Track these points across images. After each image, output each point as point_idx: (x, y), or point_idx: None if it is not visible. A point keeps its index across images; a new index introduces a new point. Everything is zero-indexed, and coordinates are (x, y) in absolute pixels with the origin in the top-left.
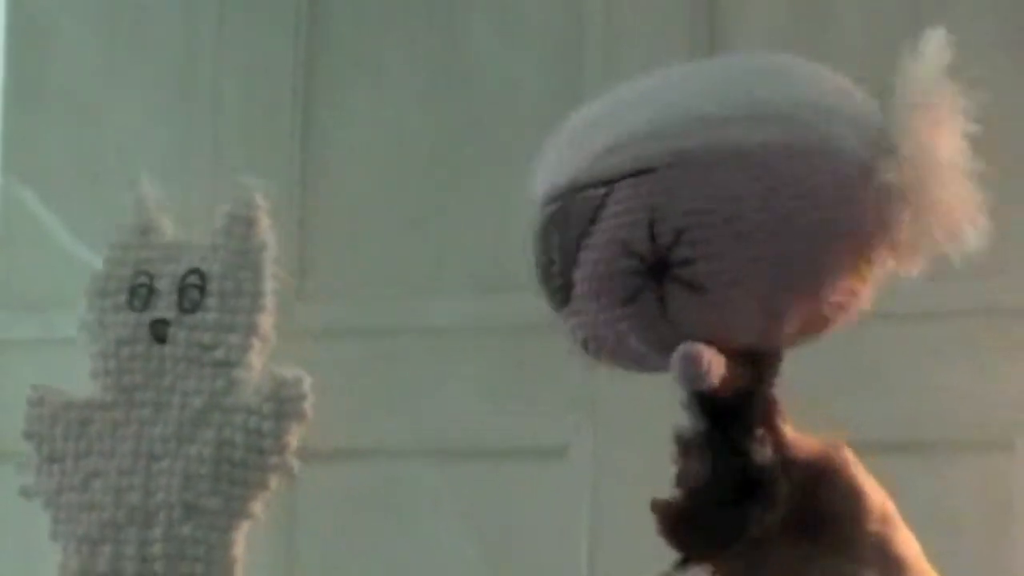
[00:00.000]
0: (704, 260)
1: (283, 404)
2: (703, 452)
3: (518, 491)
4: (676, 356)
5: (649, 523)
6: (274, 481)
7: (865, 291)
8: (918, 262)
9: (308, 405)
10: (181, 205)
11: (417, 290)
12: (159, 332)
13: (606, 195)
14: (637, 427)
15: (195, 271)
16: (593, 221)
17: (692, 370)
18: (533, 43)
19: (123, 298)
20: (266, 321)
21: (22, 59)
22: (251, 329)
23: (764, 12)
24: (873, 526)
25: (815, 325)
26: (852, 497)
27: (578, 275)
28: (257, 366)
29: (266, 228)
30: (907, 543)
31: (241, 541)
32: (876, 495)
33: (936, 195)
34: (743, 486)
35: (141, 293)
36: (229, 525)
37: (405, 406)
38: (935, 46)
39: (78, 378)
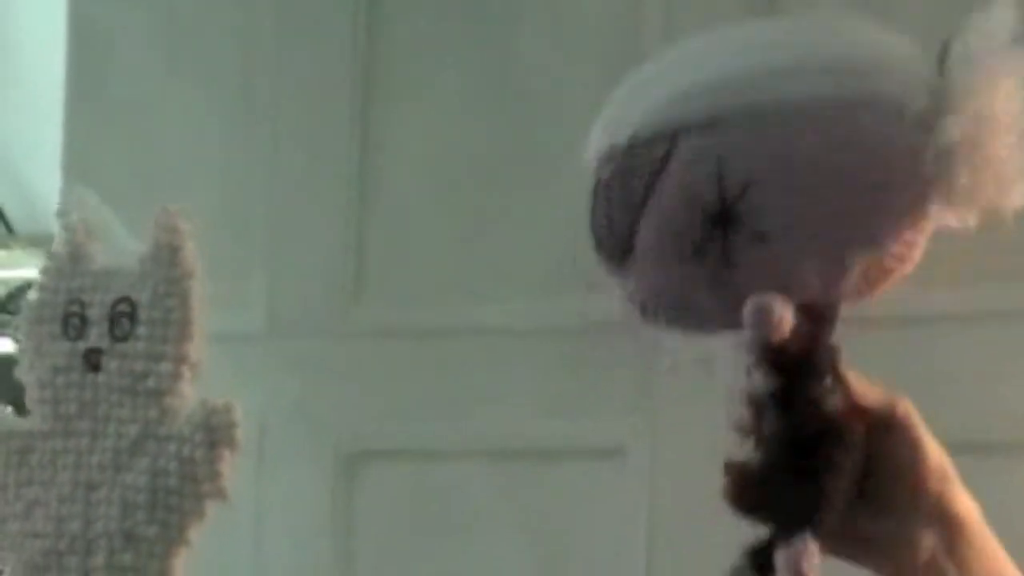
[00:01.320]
0: (770, 212)
1: (214, 432)
2: (775, 410)
3: (574, 493)
4: (748, 308)
5: (708, 525)
6: (209, 508)
7: (922, 241)
8: (972, 215)
9: (239, 432)
10: (239, 214)
11: (473, 292)
12: (93, 361)
13: (670, 149)
14: (695, 428)
15: (125, 299)
16: (657, 174)
17: (765, 320)
18: (586, 55)
19: (57, 327)
20: (195, 350)
21: (84, 65)
22: (180, 358)
23: None
24: (933, 484)
25: (876, 277)
26: (914, 452)
27: (642, 230)
28: (188, 394)
29: (192, 254)
30: (965, 501)
31: (179, 568)
32: (935, 451)
33: (991, 151)
34: (818, 438)
35: (74, 322)
36: (167, 552)
37: (461, 408)
38: (1000, 8)
39: None
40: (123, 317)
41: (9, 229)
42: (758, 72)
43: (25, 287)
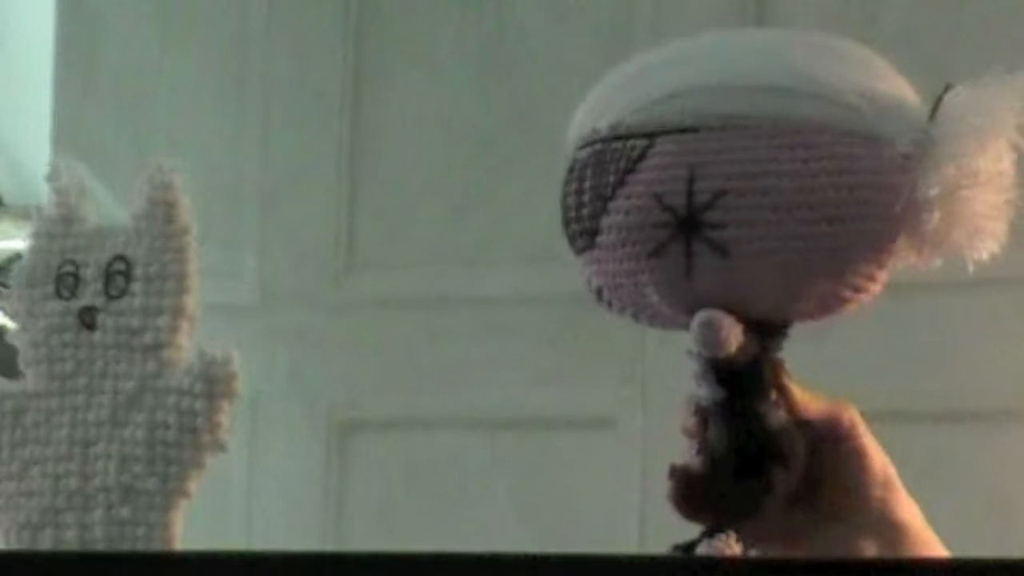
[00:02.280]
0: (735, 226)
1: (214, 383)
2: (721, 420)
3: (567, 463)
4: (696, 322)
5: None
6: (208, 459)
7: (882, 278)
8: (936, 260)
9: (238, 383)
10: (230, 185)
11: (466, 261)
12: (88, 319)
13: (647, 147)
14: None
15: (120, 257)
16: (630, 171)
17: (712, 336)
18: (582, 25)
19: (50, 287)
20: (192, 302)
21: (73, 39)
22: (178, 311)
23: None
24: (876, 491)
25: (830, 305)
26: (859, 460)
27: (606, 222)
28: (186, 347)
29: (187, 210)
30: (908, 507)
31: (179, 520)
32: (879, 459)
33: (968, 204)
34: (762, 450)
35: (68, 282)
36: (167, 505)
37: (453, 378)
38: (1000, 76)
39: None
40: (118, 275)
41: None
42: (748, 85)
43: (15, 258)
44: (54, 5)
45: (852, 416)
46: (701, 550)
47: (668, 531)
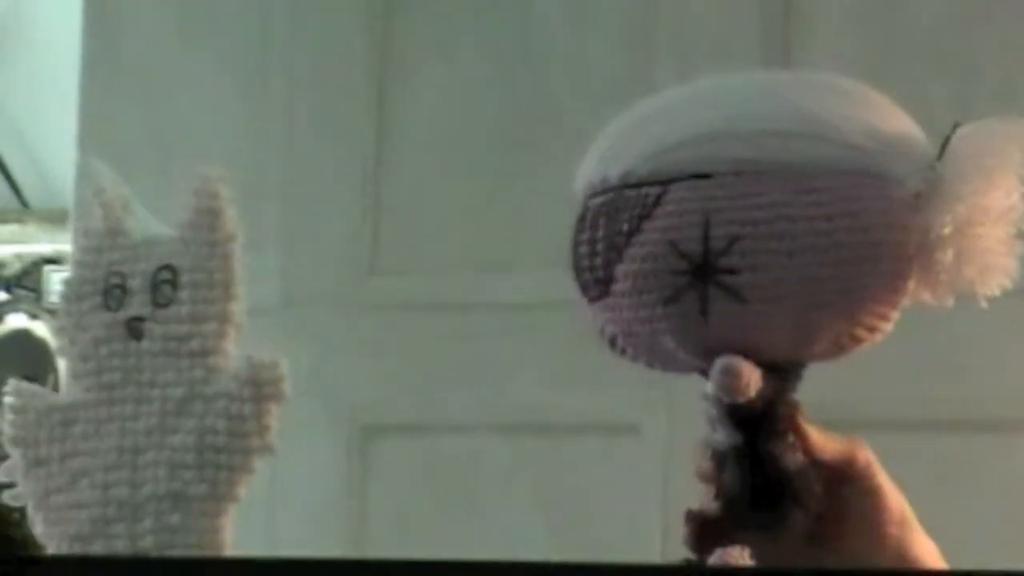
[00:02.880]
0: (751, 271)
1: (261, 387)
2: (737, 463)
3: (590, 468)
4: (716, 369)
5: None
6: (257, 463)
7: (895, 316)
8: (949, 297)
9: (285, 386)
10: (253, 185)
11: (490, 265)
12: (135, 329)
13: (661, 194)
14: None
15: (166, 267)
16: (644, 218)
17: (732, 383)
18: (604, 24)
19: (98, 300)
20: (238, 309)
21: (98, 38)
22: (225, 317)
23: None
24: (892, 528)
25: (844, 345)
26: (874, 499)
27: (621, 270)
28: (233, 353)
29: (232, 218)
30: (924, 545)
31: (229, 525)
32: (895, 497)
33: (979, 241)
34: (779, 491)
35: (115, 294)
36: (217, 510)
37: (476, 381)
38: (1010, 121)
39: None
40: (165, 284)
41: (24, 204)
42: (758, 130)
43: (40, 262)
44: (80, 9)
45: (867, 456)
46: (713, 561)
47: None
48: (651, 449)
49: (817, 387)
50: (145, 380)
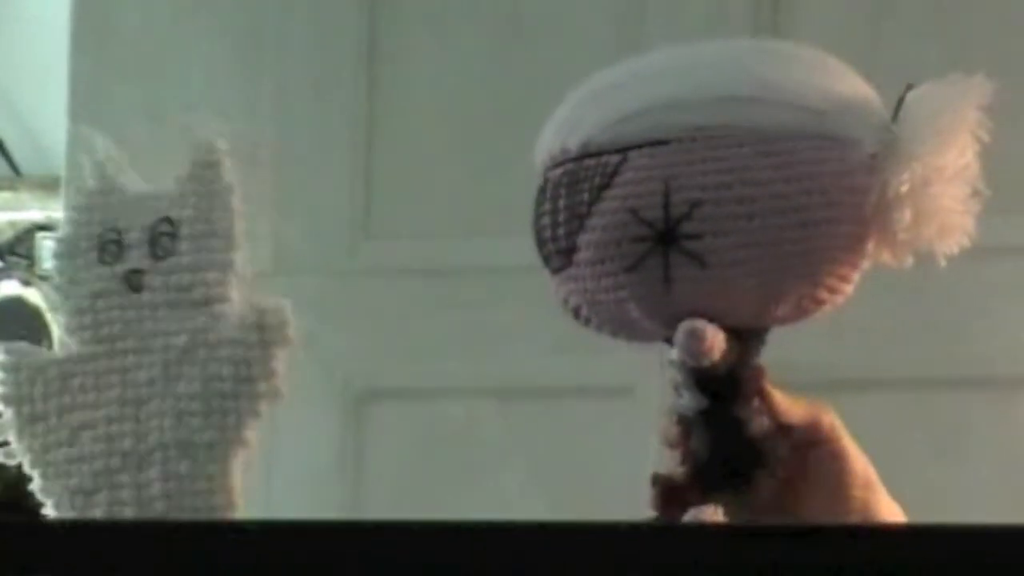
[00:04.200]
0: (712, 236)
1: (267, 332)
2: (703, 428)
3: (584, 431)
4: (680, 332)
5: None
6: (265, 407)
7: (855, 278)
8: (908, 257)
9: (291, 330)
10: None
11: (481, 229)
12: (134, 282)
13: (620, 162)
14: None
15: (165, 219)
16: (605, 187)
17: (696, 346)
18: None
19: (93, 256)
20: (240, 258)
21: (89, 8)
22: (227, 266)
23: None
24: (857, 491)
25: (806, 308)
26: (839, 462)
27: (583, 239)
28: (237, 300)
29: (230, 170)
30: (889, 507)
31: (238, 470)
32: (860, 461)
33: (936, 200)
34: (744, 456)
35: (111, 249)
36: (226, 455)
37: (470, 345)
38: (962, 80)
39: None
40: (164, 236)
41: (16, 171)
42: (714, 96)
43: (33, 229)
44: None
45: (832, 420)
46: (687, 519)
47: None
48: (645, 411)
49: (813, 347)
50: (146, 331)
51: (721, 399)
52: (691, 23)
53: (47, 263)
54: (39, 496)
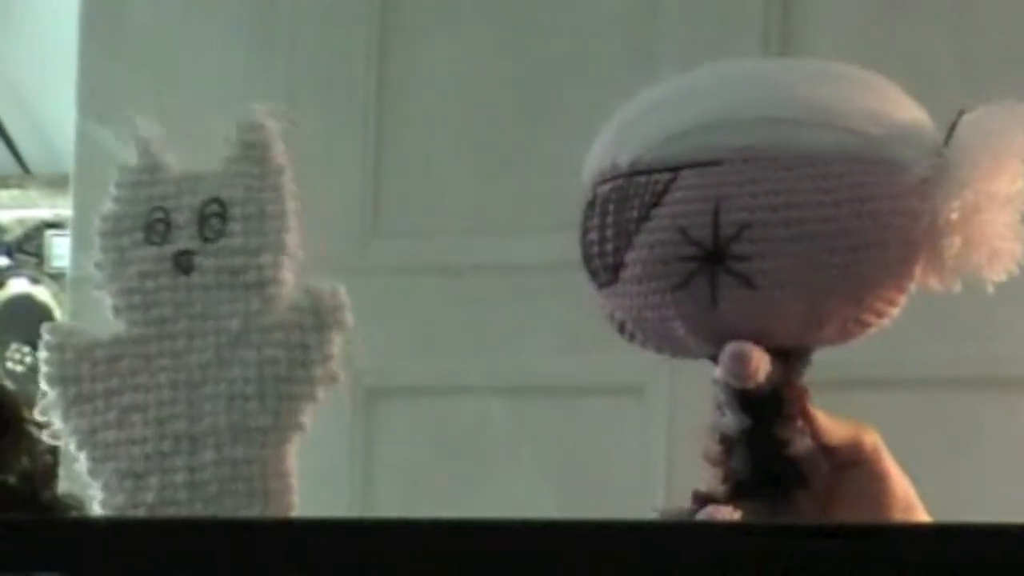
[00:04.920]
0: (760, 257)
1: (323, 315)
2: (745, 448)
3: (594, 429)
4: (726, 355)
5: None
6: (321, 392)
7: (902, 301)
8: (956, 283)
9: (347, 314)
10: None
11: (492, 227)
12: (183, 263)
13: (671, 180)
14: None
15: (214, 200)
16: (655, 205)
17: (742, 368)
18: None
19: (140, 235)
20: (293, 239)
21: (98, 4)
22: (280, 248)
23: None
24: (898, 513)
25: (851, 331)
26: (881, 483)
27: (631, 256)
28: (290, 283)
29: (281, 150)
30: None
31: (293, 455)
32: (901, 482)
33: (985, 226)
34: (785, 476)
35: (158, 229)
36: (281, 440)
37: (481, 344)
38: (1016, 106)
39: None
40: (213, 217)
41: (25, 169)
42: (766, 117)
43: (41, 226)
44: None
45: (874, 440)
46: (701, 517)
47: None
48: (654, 410)
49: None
50: (197, 313)
51: (764, 419)
52: (703, 19)
53: (56, 260)
54: (89, 476)
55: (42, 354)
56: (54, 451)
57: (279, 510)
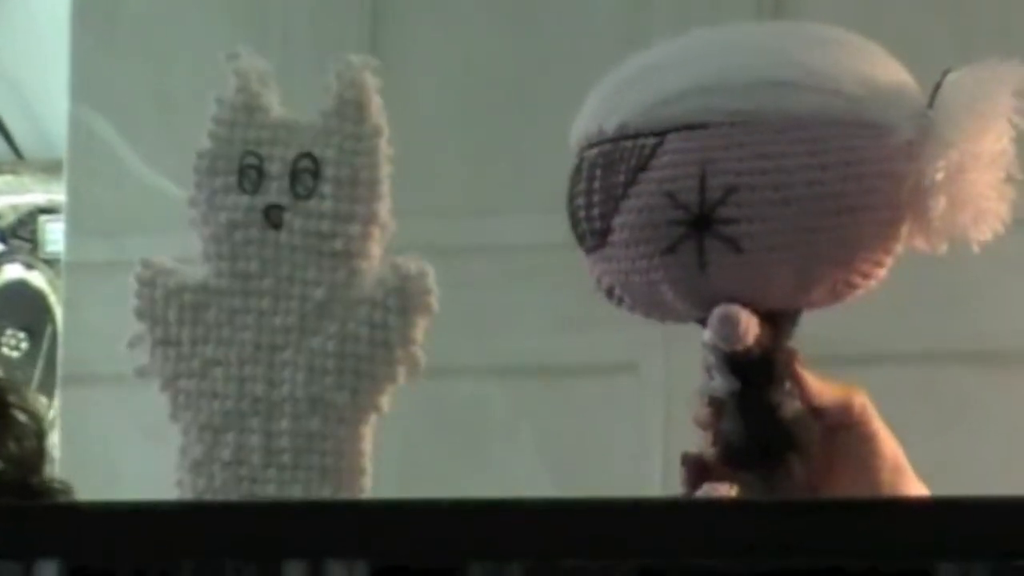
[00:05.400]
0: (748, 221)
1: (408, 298)
2: (736, 410)
3: (590, 408)
4: (714, 317)
5: None
6: (402, 375)
7: (889, 263)
8: (942, 243)
9: (434, 299)
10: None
11: (486, 208)
12: (274, 218)
13: (657, 145)
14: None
15: (307, 155)
16: (642, 169)
17: (731, 331)
18: None
19: (232, 179)
20: (385, 210)
21: None
22: (370, 218)
23: None
24: (886, 475)
25: (839, 292)
26: (869, 444)
27: (618, 221)
28: (377, 256)
29: (379, 111)
30: (918, 491)
31: (369, 435)
32: (889, 444)
33: (971, 186)
34: (775, 438)
35: (251, 175)
36: (358, 419)
37: (476, 325)
38: (1000, 66)
39: None
40: (305, 173)
41: (18, 154)
42: (753, 81)
43: (35, 212)
44: None
45: (863, 402)
46: (701, 494)
47: None
48: (650, 387)
49: (817, 321)
50: (284, 274)
51: (753, 382)
52: (697, 5)
53: (49, 246)
54: (171, 419)
55: (132, 286)
56: (40, 436)
57: (351, 492)
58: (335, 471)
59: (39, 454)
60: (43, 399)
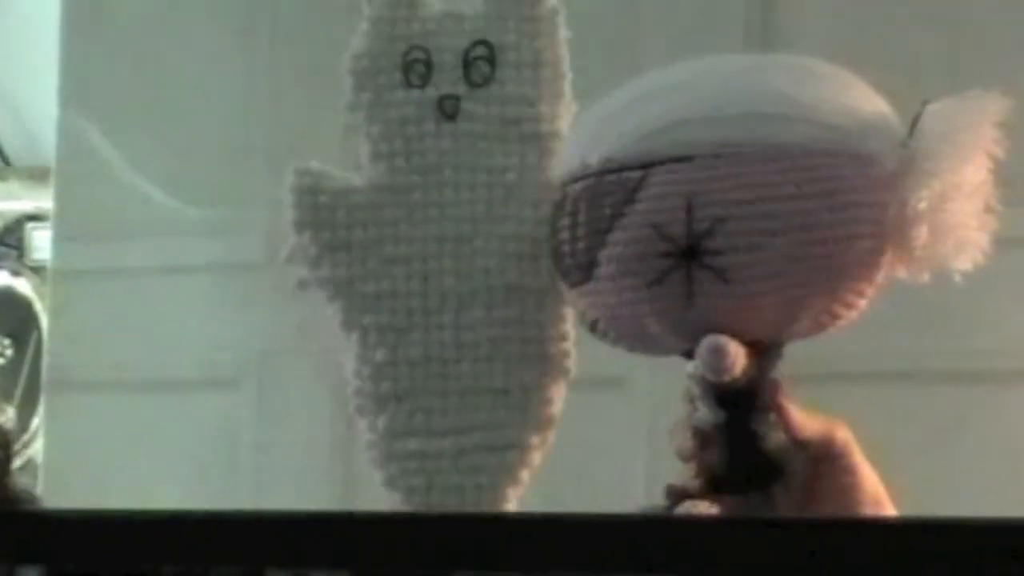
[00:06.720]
0: (735, 252)
1: None
2: (720, 442)
3: (574, 422)
4: (703, 348)
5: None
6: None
7: (871, 293)
8: (924, 273)
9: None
10: (239, 141)
11: None
12: (448, 109)
13: (643, 178)
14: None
15: (481, 42)
16: (627, 202)
17: (719, 362)
18: None
19: (398, 76)
20: (568, 89)
21: None
22: (558, 97)
23: None
24: (867, 508)
25: (823, 322)
26: (851, 478)
27: (604, 254)
28: (565, 137)
29: None
30: None
31: (570, 316)
32: (871, 479)
33: (952, 216)
34: (760, 469)
35: (418, 69)
36: (557, 301)
37: None
38: (980, 96)
39: (138, 307)
40: (480, 60)
41: (5, 161)
42: (737, 112)
43: (22, 219)
44: None
45: (846, 436)
46: (680, 512)
47: None
48: (635, 402)
49: (808, 340)
50: (465, 163)
51: (738, 413)
52: (685, 10)
53: (36, 253)
54: (343, 328)
55: (289, 198)
56: (6, 445)
57: (555, 376)
58: (537, 357)
59: (4, 463)
60: (9, 409)
